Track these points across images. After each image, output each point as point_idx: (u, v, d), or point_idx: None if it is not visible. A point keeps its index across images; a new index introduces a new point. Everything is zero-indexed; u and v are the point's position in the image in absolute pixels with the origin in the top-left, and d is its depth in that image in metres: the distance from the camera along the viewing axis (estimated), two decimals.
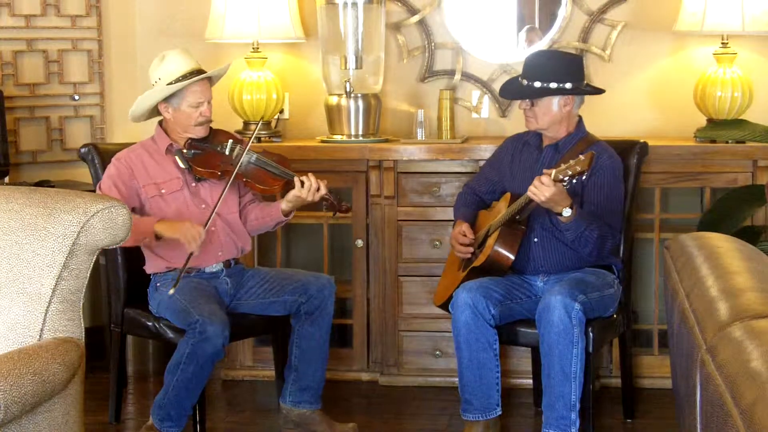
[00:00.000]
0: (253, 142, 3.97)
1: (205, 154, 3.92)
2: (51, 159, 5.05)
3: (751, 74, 4.67)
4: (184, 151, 3.91)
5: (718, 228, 4.01)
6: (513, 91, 3.96)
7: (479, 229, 4.04)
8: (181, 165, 3.91)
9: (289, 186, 3.92)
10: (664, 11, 4.80)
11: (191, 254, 3.75)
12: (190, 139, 3.93)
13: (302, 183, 3.86)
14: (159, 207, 3.89)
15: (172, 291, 3.75)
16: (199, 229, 3.74)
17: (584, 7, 4.90)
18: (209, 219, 3.81)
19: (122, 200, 3.77)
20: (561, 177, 3.52)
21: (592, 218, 3.74)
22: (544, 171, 3.60)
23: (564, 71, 3.85)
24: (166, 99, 3.90)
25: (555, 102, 3.86)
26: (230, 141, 3.95)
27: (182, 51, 3.96)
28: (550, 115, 3.87)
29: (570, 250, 3.85)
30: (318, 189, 3.87)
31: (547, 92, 3.83)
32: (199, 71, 3.92)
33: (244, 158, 3.89)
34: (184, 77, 3.87)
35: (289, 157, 4.16)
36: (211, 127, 3.99)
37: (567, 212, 3.66)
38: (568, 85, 3.83)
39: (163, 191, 3.90)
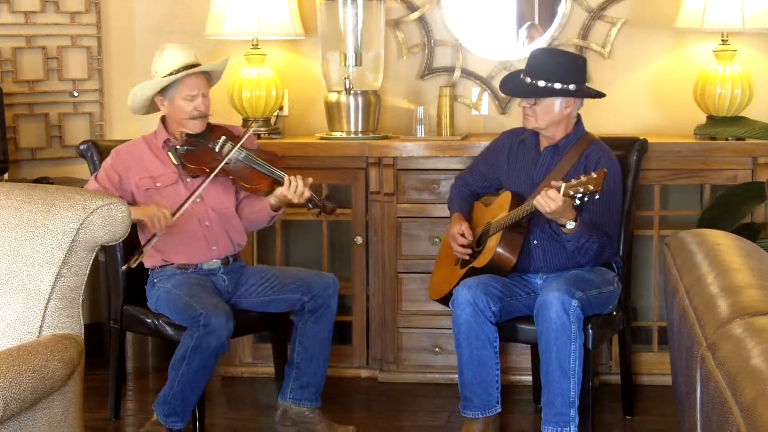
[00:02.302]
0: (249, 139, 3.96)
1: (198, 151, 3.91)
2: (50, 156, 5.05)
3: (751, 71, 4.67)
4: (177, 147, 3.91)
5: (717, 225, 4.00)
6: (516, 89, 3.92)
7: (476, 224, 4.03)
8: (174, 161, 3.91)
9: (276, 184, 3.91)
10: (664, 8, 4.80)
11: (154, 236, 3.77)
12: (186, 135, 3.93)
13: (289, 183, 3.86)
14: (153, 200, 3.88)
15: (124, 268, 3.86)
16: (165, 211, 3.75)
17: (584, 4, 4.89)
18: (179, 209, 3.79)
19: (115, 193, 3.81)
20: (572, 193, 3.49)
21: (592, 229, 3.72)
22: (552, 183, 3.57)
23: (568, 72, 3.81)
24: (162, 92, 3.89)
25: (557, 103, 3.83)
26: (222, 138, 3.93)
27: (181, 45, 3.97)
28: (551, 115, 3.85)
29: (569, 253, 3.84)
30: (303, 193, 3.86)
31: (550, 92, 3.80)
32: (196, 65, 3.92)
33: (232, 155, 3.88)
34: (179, 71, 3.87)
35: (288, 154, 4.16)
36: (210, 123, 3.98)
37: (571, 225, 3.65)
38: (571, 87, 3.79)
39: (158, 184, 3.90)
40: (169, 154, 3.92)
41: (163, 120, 4.00)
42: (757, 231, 4.29)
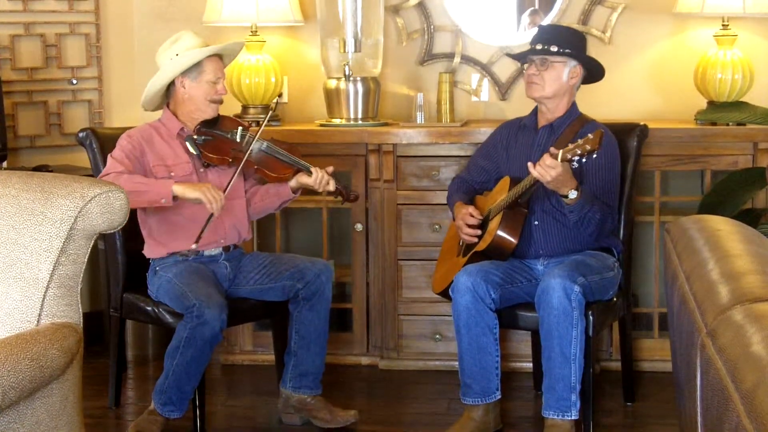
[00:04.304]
0: (258, 127, 3.96)
1: (216, 141, 3.90)
2: (49, 144, 5.04)
3: (752, 56, 4.66)
4: (195, 137, 3.89)
5: (718, 211, 4.00)
6: (528, 50, 3.96)
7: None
8: (192, 151, 3.89)
9: (300, 173, 3.93)
10: None
11: (211, 216, 3.73)
12: (199, 125, 3.91)
13: (316, 174, 3.88)
14: None
15: (194, 246, 3.75)
16: (219, 191, 3.72)
17: None
18: (228, 186, 3.79)
19: (133, 168, 3.78)
20: (570, 157, 3.49)
21: (593, 199, 3.73)
22: (550, 150, 3.57)
23: (577, 42, 3.91)
24: (184, 73, 3.88)
25: (566, 71, 3.88)
26: (240, 128, 3.95)
27: (193, 32, 3.98)
28: (559, 83, 3.88)
29: (570, 233, 3.85)
30: (327, 182, 3.89)
31: (565, 55, 3.85)
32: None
33: (254, 145, 3.90)
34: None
35: (288, 141, 4.14)
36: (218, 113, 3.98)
37: (573, 194, 3.64)
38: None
39: (172, 174, 3.87)
40: (187, 143, 3.89)
41: (170, 108, 3.96)
42: (757, 217, 4.28)
